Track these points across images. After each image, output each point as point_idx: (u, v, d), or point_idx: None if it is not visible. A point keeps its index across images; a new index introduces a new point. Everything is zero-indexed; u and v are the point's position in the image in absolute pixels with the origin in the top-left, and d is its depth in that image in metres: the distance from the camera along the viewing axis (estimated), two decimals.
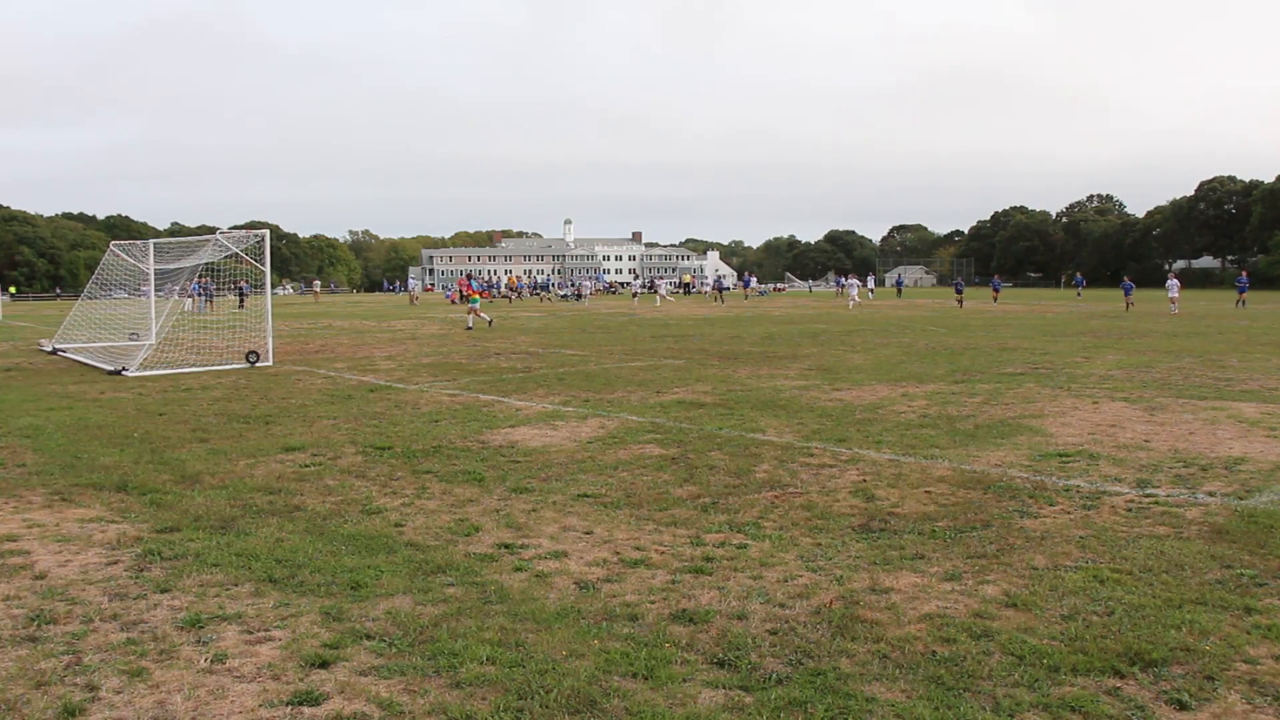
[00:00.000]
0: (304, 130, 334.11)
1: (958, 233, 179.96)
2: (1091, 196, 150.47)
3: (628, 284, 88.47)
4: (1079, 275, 78.26)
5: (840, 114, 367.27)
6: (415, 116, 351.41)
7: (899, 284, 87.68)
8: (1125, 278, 48.76)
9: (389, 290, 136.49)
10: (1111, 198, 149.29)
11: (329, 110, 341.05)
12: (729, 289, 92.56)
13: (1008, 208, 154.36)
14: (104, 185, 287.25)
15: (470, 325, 33.58)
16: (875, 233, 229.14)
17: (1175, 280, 44.37)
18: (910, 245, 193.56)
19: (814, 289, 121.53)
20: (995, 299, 59.16)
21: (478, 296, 36.04)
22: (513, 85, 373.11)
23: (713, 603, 5.50)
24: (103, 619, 5.32)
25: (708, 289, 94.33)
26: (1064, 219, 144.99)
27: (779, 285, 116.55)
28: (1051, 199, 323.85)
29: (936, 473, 8.88)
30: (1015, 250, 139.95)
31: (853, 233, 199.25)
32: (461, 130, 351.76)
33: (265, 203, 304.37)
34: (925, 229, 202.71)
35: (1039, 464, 9.25)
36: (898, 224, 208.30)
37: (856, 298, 53.81)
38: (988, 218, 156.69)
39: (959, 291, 56.98)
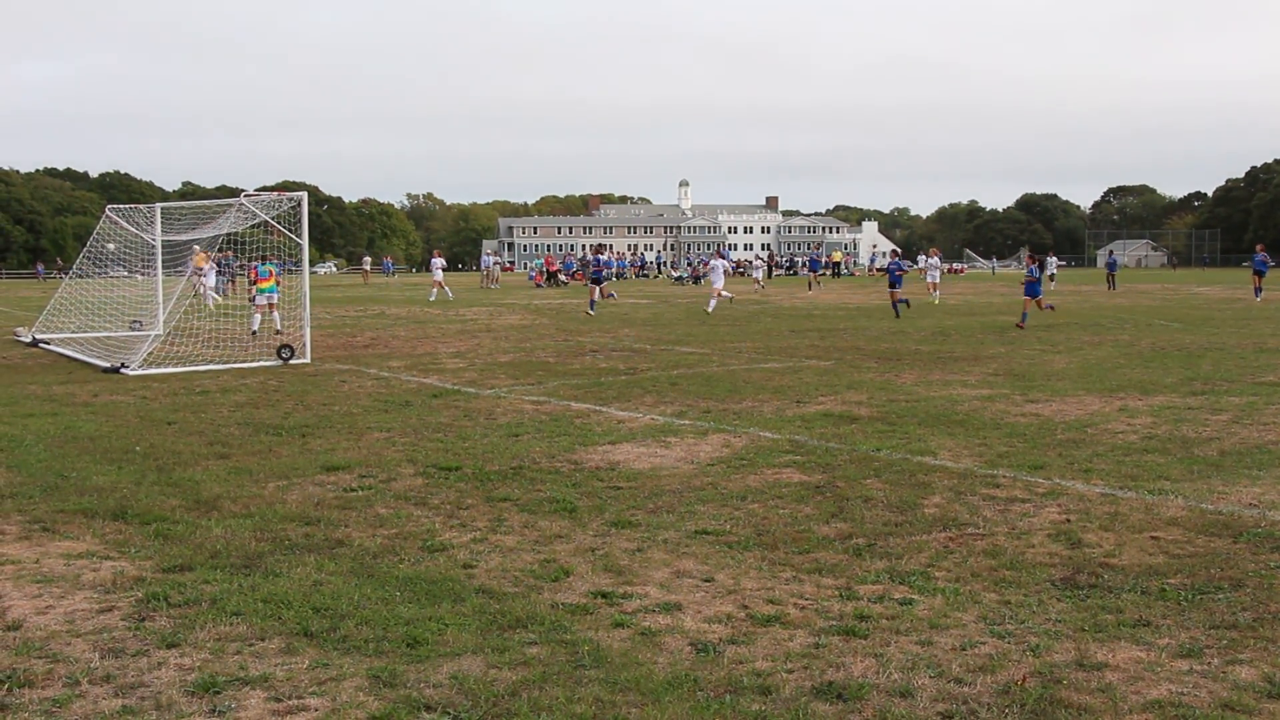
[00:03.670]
0: (332, 64, 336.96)
1: (1198, 196, 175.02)
2: None
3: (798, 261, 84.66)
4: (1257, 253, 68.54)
5: (1034, 39, 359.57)
6: (469, 47, 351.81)
7: (1111, 266, 71.28)
8: None
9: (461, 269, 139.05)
10: None
11: (348, 40, 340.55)
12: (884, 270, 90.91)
13: (1270, 161, 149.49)
14: (95, 135, 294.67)
15: (255, 328, 28.15)
16: (1084, 197, 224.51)
17: None
18: (1132, 213, 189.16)
19: (998, 270, 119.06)
20: (1259, 289, 44.17)
21: (275, 284, 29.00)
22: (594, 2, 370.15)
23: (868, 674, 5.46)
24: (92, 681, 5.44)
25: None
26: None
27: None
28: None
29: (1167, 513, 8.66)
30: None
31: (1054, 197, 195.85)
32: (530, 65, 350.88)
33: (300, 158, 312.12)
34: (1153, 191, 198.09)
35: None
36: (1114, 185, 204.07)
37: (762, 281, 43.63)
38: (1240, 175, 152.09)
39: (1032, 274, 34.47)
